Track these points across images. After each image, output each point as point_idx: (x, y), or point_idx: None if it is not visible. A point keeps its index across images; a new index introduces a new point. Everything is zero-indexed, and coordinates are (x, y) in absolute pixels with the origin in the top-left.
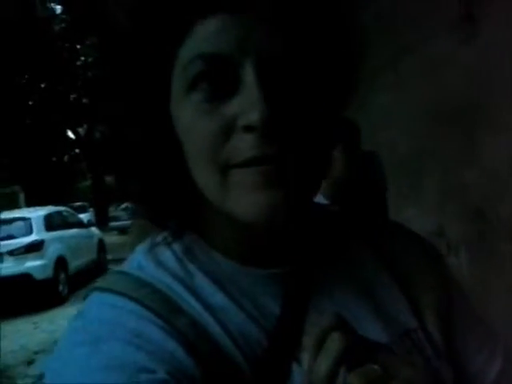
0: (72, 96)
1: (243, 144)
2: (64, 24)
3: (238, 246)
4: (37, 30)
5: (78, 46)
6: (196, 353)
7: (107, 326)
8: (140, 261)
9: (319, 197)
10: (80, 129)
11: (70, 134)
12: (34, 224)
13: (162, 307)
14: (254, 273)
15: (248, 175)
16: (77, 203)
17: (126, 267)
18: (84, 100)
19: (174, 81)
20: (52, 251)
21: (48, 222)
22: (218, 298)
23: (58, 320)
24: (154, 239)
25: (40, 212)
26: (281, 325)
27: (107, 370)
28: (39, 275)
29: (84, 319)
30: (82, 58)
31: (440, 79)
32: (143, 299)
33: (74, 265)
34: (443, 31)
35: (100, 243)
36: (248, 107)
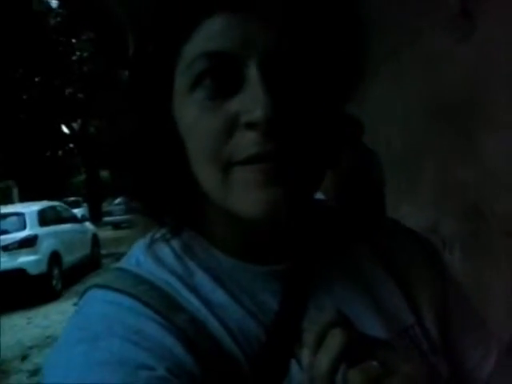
0: (67, 91)
1: (245, 141)
2: (60, 18)
3: (238, 243)
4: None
5: (74, 41)
6: (195, 349)
7: (106, 323)
8: (138, 257)
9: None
10: (74, 124)
11: (65, 129)
12: (28, 219)
13: (161, 304)
14: (254, 269)
15: (250, 172)
16: (71, 198)
17: (124, 264)
18: (79, 95)
19: (177, 78)
20: (46, 246)
21: (42, 217)
22: (218, 295)
23: (52, 315)
24: (153, 236)
25: (34, 207)
26: (279, 321)
27: (106, 367)
28: (33, 270)
29: (82, 316)
30: (78, 53)
31: (437, 76)
32: (142, 296)
33: (68, 260)
34: (440, 28)
35: (94, 238)
36: (251, 104)
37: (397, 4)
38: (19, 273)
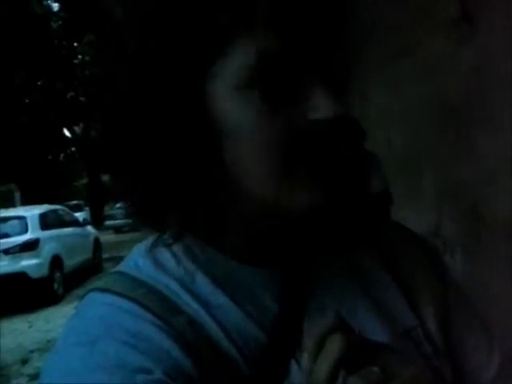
0: (69, 94)
1: (308, 142)
2: (61, 22)
3: (240, 245)
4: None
5: (76, 44)
6: (193, 352)
7: (104, 326)
8: (137, 260)
9: None
10: (76, 127)
11: (67, 133)
12: (30, 223)
13: (160, 307)
14: (254, 272)
15: (306, 172)
16: (72, 202)
17: (123, 267)
18: (81, 98)
19: (222, 76)
20: (47, 250)
21: (43, 221)
22: (217, 297)
23: (54, 319)
24: (152, 239)
25: (35, 211)
26: (279, 323)
27: (103, 371)
28: (34, 274)
29: (80, 319)
30: (80, 57)
31: (437, 79)
32: (140, 299)
33: (70, 264)
34: (440, 31)
35: (96, 242)
36: (316, 106)
37: (397, 7)
38: (20, 276)
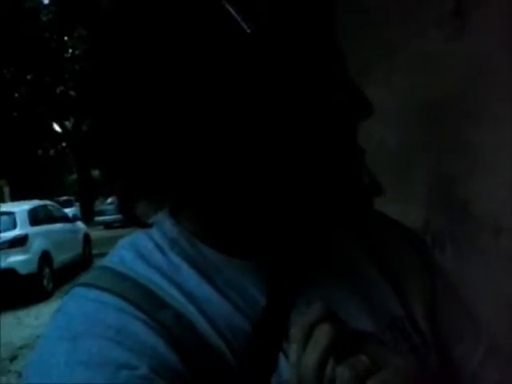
0: (59, 89)
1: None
2: (51, 15)
3: (227, 238)
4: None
5: (66, 38)
6: (180, 346)
7: (87, 322)
8: (122, 255)
9: None
10: (67, 122)
11: (57, 128)
12: (18, 218)
13: (144, 301)
14: (241, 264)
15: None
16: (62, 197)
17: (108, 262)
18: (71, 93)
19: None
20: (36, 246)
21: (32, 217)
22: (204, 289)
23: (43, 315)
24: (137, 234)
25: (24, 206)
26: (266, 315)
27: (87, 368)
28: (23, 270)
29: (64, 315)
30: (70, 51)
31: (429, 74)
32: (125, 293)
33: (59, 259)
34: (432, 26)
35: (86, 237)
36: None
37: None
38: (9, 272)
